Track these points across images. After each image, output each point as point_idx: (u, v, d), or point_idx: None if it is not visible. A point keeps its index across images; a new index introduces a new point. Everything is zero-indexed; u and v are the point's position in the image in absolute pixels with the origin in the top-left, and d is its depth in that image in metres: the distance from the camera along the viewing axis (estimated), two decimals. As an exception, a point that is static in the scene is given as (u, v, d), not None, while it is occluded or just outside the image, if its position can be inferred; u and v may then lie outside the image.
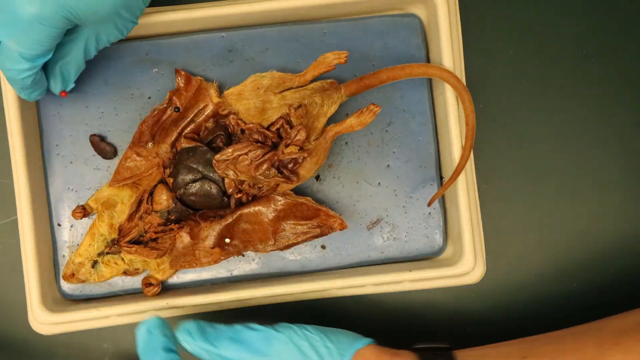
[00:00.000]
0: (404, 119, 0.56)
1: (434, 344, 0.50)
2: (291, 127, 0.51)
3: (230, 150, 0.50)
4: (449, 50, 0.53)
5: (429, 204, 0.55)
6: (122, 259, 0.52)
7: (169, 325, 0.47)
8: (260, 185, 0.51)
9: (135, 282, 0.54)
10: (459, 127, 0.53)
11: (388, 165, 0.56)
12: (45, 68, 0.49)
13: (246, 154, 0.50)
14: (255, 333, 0.48)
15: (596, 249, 0.58)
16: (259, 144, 0.50)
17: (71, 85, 0.51)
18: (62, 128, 0.54)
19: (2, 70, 0.47)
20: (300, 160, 0.50)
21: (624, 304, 0.58)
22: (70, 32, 0.48)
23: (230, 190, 0.51)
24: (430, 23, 0.55)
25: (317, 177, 0.55)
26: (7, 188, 0.57)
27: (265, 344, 0.47)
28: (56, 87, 0.50)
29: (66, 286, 0.54)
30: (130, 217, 0.52)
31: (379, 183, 0.56)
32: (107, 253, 0.52)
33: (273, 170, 0.50)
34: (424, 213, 0.55)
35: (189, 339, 0.47)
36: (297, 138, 0.50)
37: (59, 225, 0.54)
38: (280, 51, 0.55)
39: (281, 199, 0.51)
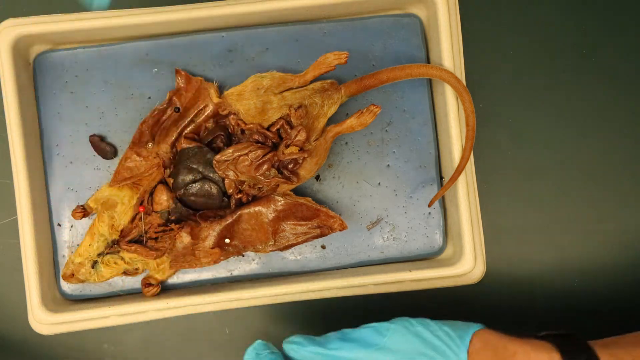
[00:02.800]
0: (404, 119, 0.56)
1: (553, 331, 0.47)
2: (291, 127, 0.51)
3: (230, 150, 0.50)
4: (449, 50, 0.53)
5: (430, 205, 0.55)
6: (122, 259, 0.52)
7: (272, 345, 0.47)
8: (261, 186, 0.51)
9: (135, 282, 0.54)
10: (459, 127, 0.53)
11: (388, 165, 0.56)
12: None
13: (246, 154, 0.50)
14: (365, 329, 0.46)
15: (596, 249, 0.58)
16: (259, 144, 0.50)
17: None
18: (62, 128, 0.54)
19: None
20: (300, 161, 0.50)
21: (625, 303, 0.58)
22: None
23: (230, 191, 0.51)
24: (430, 23, 0.55)
25: (317, 177, 0.55)
26: (7, 188, 0.57)
27: (378, 336, 0.45)
28: None
29: (66, 286, 0.54)
30: (132, 219, 0.52)
31: (379, 183, 0.56)
32: (107, 253, 0.52)
33: (273, 171, 0.50)
34: (423, 213, 0.55)
35: (297, 347, 0.46)
36: (297, 138, 0.50)
37: (59, 225, 0.54)
38: (280, 51, 0.55)
39: (281, 199, 0.51)
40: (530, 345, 0.44)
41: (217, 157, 0.50)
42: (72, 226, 0.54)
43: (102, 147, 0.54)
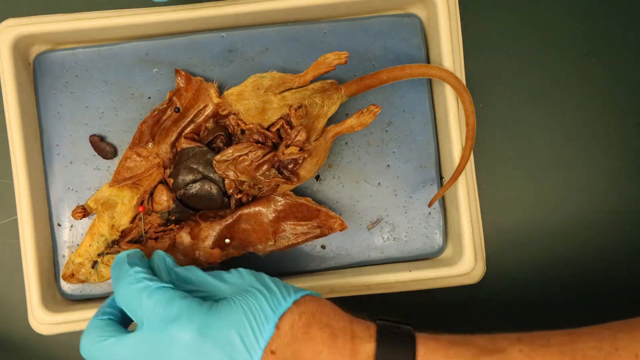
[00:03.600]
0: (404, 119, 0.56)
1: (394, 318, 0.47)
2: (291, 127, 0.51)
3: (230, 150, 0.50)
4: (448, 50, 0.53)
5: (430, 205, 0.55)
6: (122, 259, 0.52)
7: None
8: (261, 186, 0.51)
9: (135, 282, 0.54)
10: (458, 127, 0.53)
11: (388, 165, 0.56)
12: None
13: (246, 154, 0.50)
14: (212, 273, 0.47)
15: (596, 249, 0.58)
16: (259, 144, 0.50)
17: None
18: (62, 128, 0.55)
19: None
20: (300, 161, 0.50)
21: (625, 303, 0.58)
22: None
23: (230, 191, 0.51)
24: (430, 23, 0.55)
25: (317, 177, 0.55)
26: (7, 188, 0.57)
27: (227, 274, 0.46)
28: None
29: (66, 286, 0.54)
30: (133, 219, 0.52)
31: (379, 183, 0.56)
32: (107, 253, 0.52)
33: (273, 171, 0.50)
34: (423, 213, 0.55)
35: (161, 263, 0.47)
36: (297, 139, 0.50)
37: (59, 225, 0.54)
38: (280, 51, 0.55)
39: (281, 199, 0.51)
40: (354, 317, 0.45)
41: (217, 157, 0.50)
42: (72, 226, 0.54)
43: (102, 147, 0.54)
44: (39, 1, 0.57)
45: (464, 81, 0.54)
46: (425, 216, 0.55)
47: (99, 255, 0.52)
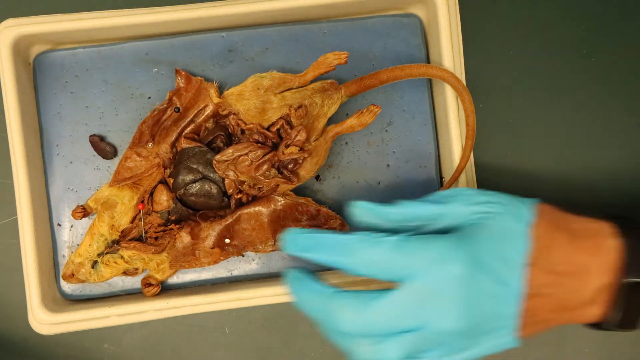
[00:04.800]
0: (404, 119, 0.56)
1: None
2: (291, 127, 0.51)
3: (230, 150, 0.50)
4: (449, 50, 0.53)
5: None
6: (122, 258, 0.52)
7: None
8: (260, 186, 0.51)
9: (135, 282, 0.54)
10: (458, 127, 0.53)
11: (388, 165, 0.56)
12: None
13: (246, 154, 0.50)
14: (431, 197, 0.46)
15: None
16: (260, 144, 0.50)
17: None
18: (62, 128, 0.55)
19: None
20: (300, 161, 0.50)
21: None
22: None
23: (230, 191, 0.51)
24: (430, 23, 0.55)
25: (317, 177, 0.55)
26: (7, 188, 0.57)
27: (443, 198, 0.45)
28: None
29: (66, 286, 0.54)
30: (133, 219, 0.52)
31: (379, 183, 0.56)
32: (107, 253, 0.52)
33: (273, 171, 0.50)
34: (424, 213, 0.55)
35: (368, 205, 0.45)
36: (297, 138, 0.50)
37: (59, 225, 0.54)
38: (280, 51, 0.55)
39: (281, 199, 0.51)
40: (586, 219, 0.46)
41: (217, 157, 0.50)
42: (72, 226, 0.54)
43: (102, 147, 0.54)
44: (38, 1, 0.57)
45: (464, 81, 0.54)
46: (425, 216, 0.55)
47: (98, 255, 0.52)
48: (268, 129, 0.51)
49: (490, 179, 0.58)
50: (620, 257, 0.44)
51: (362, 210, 0.45)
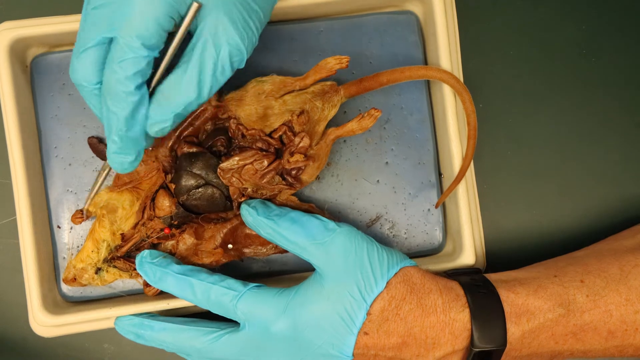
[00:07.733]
0: (402, 116, 0.56)
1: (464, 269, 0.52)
2: (294, 133, 0.50)
3: (236, 159, 0.50)
4: (445, 46, 0.53)
5: (437, 206, 0.55)
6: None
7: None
8: (264, 192, 0.51)
9: (135, 283, 0.54)
10: (457, 124, 0.53)
11: (387, 162, 0.56)
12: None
13: (251, 163, 0.49)
14: (316, 221, 0.49)
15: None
16: (264, 152, 0.50)
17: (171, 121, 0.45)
18: (60, 130, 0.54)
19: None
20: (303, 167, 0.50)
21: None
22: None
23: (234, 196, 0.51)
24: (427, 20, 0.55)
25: (317, 176, 0.55)
26: (7, 188, 0.57)
27: (325, 234, 0.48)
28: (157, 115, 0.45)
29: (66, 288, 0.54)
30: (135, 225, 0.52)
31: (378, 180, 0.56)
32: (111, 259, 0.52)
33: (277, 178, 0.50)
34: (423, 210, 0.55)
35: (253, 212, 0.49)
36: (301, 145, 0.50)
37: (59, 227, 0.54)
38: (277, 50, 0.55)
39: (285, 204, 0.51)
40: (443, 283, 0.48)
41: (222, 165, 0.50)
42: (71, 228, 0.54)
43: (101, 148, 0.54)
44: (35, 4, 0.57)
45: (461, 77, 0.54)
46: (425, 213, 0.55)
47: (103, 261, 0.52)
48: (270, 135, 0.51)
49: (490, 179, 0.58)
50: (467, 327, 0.47)
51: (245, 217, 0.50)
